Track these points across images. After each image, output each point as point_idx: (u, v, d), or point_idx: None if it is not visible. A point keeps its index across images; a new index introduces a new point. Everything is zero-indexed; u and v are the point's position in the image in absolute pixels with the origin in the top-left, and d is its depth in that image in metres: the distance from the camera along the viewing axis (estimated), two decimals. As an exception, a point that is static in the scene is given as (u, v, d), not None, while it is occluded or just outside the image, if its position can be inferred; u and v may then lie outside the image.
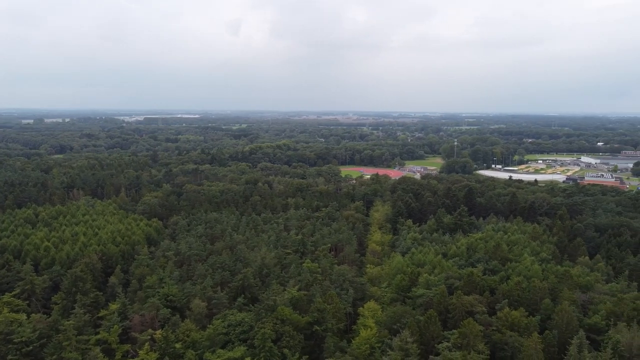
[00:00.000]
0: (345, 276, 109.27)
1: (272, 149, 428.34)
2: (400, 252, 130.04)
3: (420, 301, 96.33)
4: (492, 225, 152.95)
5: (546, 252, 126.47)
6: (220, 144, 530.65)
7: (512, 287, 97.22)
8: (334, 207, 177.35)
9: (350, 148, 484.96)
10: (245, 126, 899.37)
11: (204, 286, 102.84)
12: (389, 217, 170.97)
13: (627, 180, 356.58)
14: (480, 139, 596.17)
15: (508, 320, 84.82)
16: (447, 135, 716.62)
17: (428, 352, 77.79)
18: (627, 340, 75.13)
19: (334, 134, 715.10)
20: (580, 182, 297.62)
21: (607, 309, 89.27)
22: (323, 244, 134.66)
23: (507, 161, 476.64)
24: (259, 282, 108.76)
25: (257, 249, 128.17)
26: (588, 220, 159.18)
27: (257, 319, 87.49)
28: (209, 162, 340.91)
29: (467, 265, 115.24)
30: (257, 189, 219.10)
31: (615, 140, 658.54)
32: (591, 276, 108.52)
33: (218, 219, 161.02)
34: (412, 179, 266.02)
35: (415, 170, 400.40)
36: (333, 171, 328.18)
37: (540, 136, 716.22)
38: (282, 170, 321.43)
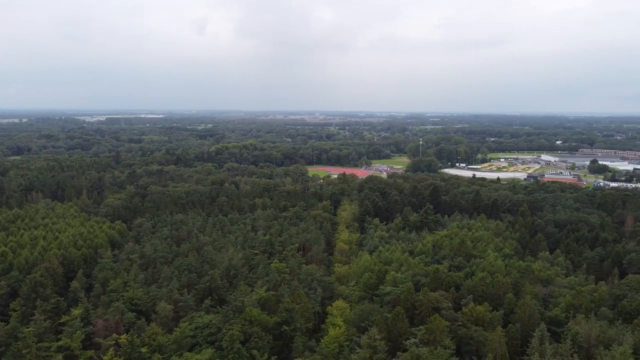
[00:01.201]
0: (313, 276, 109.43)
1: (238, 149, 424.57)
2: (368, 251, 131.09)
3: (387, 299, 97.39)
4: (456, 222, 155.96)
5: (509, 248, 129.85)
6: (186, 144, 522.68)
7: (477, 282, 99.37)
8: (301, 207, 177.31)
9: (318, 148, 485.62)
10: (211, 126, 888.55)
11: (170, 289, 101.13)
12: (356, 216, 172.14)
13: (584, 178, 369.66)
14: (444, 138, 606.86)
15: (473, 315, 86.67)
16: (412, 135, 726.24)
17: (396, 348, 78.69)
18: (586, 331, 77.88)
19: (301, 134, 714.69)
20: (541, 180, 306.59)
21: (566, 301, 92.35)
22: (291, 244, 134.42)
23: (470, 160, 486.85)
24: (227, 284, 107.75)
25: (224, 250, 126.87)
26: (548, 217, 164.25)
27: (225, 321, 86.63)
28: (174, 163, 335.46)
29: (433, 262, 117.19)
30: (224, 189, 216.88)
31: (573, 138, 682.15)
32: (551, 270, 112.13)
33: (184, 220, 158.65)
34: (379, 178, 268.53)
35: (382, 169, 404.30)
36: (300, 171, 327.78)
37: (502, 135, 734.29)
38: (249, 170, 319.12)
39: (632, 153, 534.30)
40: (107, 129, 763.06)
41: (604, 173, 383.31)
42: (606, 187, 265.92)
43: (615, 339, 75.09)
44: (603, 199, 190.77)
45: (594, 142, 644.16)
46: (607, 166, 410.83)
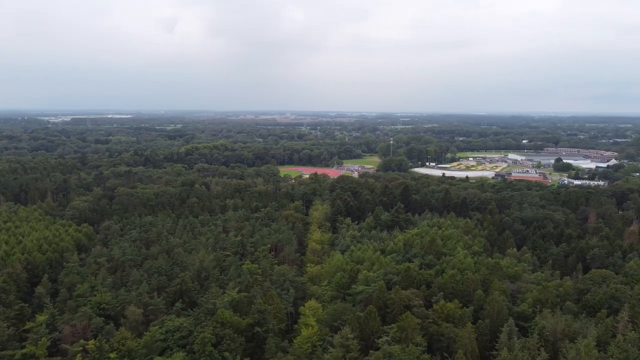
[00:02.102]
0: (285, 276, 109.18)
1: (209, 149, 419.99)
2: (340, 250, 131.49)
3: (360, 297, 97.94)
4: (427, 221, 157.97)
5: (478, 245, 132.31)
6: (155, 145, 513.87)
7: (447, 280, 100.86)
8: (273, 207, 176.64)
9: (289, 148, 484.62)
10: (181, 126, 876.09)
11: (140, 292, 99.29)
12: (328, 216, 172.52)
13: (550, 176, 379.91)
14: (415, 138, 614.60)
15: (443, 312, 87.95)
16: (383, 135, 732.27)
17: (368, 347, 79.20)
18: (552, 325, 80.00)
19: (272, 134, 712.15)
20: (508, 178, 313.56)
21: (533, 297, 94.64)
22: (263, 245, 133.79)
23: (440, 159, 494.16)
24: (198, 286, 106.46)
25: (195, 252, 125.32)
26: (515, 214, 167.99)
27: (197, 324, 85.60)
28: (143, 164, 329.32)
29: (405, 261, 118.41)
30: (194, 190, 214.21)
31: (539, 138, 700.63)
32: (519, 267, 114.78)
33: (153, 222, 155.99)
34: (351, 177, 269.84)
35: (353, 169, 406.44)
36: (272, 171, 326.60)
37: (471, 135, 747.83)
38: (220, 171, 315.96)
39: (594, 152, 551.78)
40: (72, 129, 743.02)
41: (568, 171, 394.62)
42: (570, 185, 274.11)
43: (580, 332, 77.36)
44: (567, 196, 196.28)
45: (558, 141, 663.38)
46: (571, 164, 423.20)
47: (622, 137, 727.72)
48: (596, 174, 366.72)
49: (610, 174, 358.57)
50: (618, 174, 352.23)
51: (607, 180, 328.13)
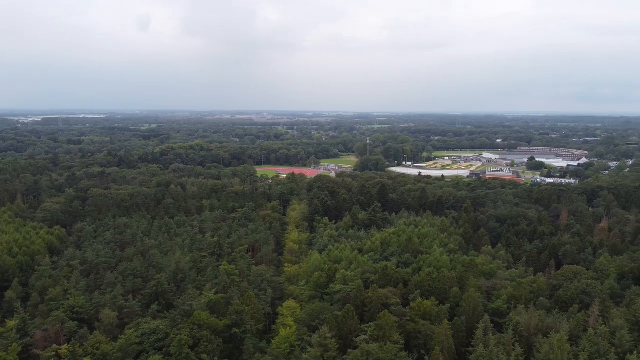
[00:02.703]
0: (263, 276, 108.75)
1: (184, 149, 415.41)
2: (318, 250, 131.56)
3: (338, 297, 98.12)
4: (404, 219, 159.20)
5: (454, 243, 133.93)
6: (129, 145, 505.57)
7: (424, 278, 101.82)
8: (250, 208, 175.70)
9: (266, 148, 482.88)
10: (156, 126, 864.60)
11: (114, 295, 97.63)
12: (305, 216, 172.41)
13: (523, 174, 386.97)
14: (391, 137, 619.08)
15: (421, 310, 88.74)
16: (360, 134, 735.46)
17: (347, 346, 79.36)
18: (526, 321, 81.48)
19: (249, 134, 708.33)
20: (483, 177, 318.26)
21: (508, 293, 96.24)
22: (240, 245, 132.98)
23: (416, 158, 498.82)
24: (174, 288, 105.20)
25: (171, 254, 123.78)
26: (490, 212, 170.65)
27: (173, 326, 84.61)
28: (117, 165, 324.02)
29: (382, 260, 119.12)
30: (170, 191, 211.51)
31: (512, 137, 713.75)
32: (494, 264, 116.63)
33: (128, 223, 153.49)
34: (328, 177, 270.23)
35: (331, 168, 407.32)
36: (249, 171, 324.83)
37: (446, 134, 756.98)
38: (196, 171, 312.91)
39: (566, 150, 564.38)
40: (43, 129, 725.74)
41: (540, 170, 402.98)
42: (543, 183, 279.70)
43: (553, 327, 79.03)
44: (540, 194, 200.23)
45: (531, 140, 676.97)
46: (543, 163, 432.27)
47: (592, 136, 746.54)
48: (567, 172, 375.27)
49: (581, 172, 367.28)
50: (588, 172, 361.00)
51: (578, 178, 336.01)
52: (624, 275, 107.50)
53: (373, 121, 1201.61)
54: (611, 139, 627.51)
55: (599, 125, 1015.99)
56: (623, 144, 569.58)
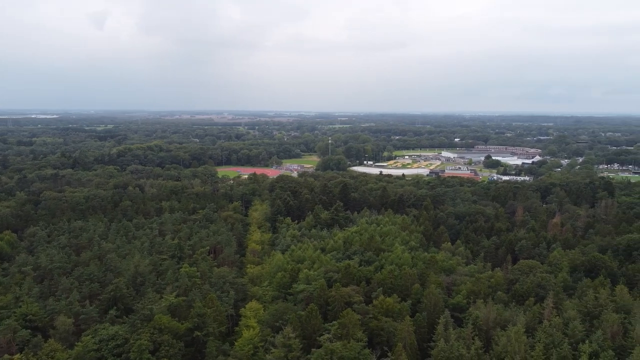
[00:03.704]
0: (225, 278, 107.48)
1: (142, 150, 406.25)
2: (280, 250, 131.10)
3: (301, 296, 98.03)
4: (366, 218, 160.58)
5: (414, 240, 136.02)
6: (84, 146, 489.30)
7: (386, 275, 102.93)
8: (211, 209, 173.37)
9: (227, 148, 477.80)
10: (112, 127, 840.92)
11: (70, 301, 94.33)
12: (268, 216, 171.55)
13: (480, 172, 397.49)
14: (352, 137, 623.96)
15: (383, 307, 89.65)
16: (321, 134, 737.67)
17: (310, 345, 79.33)
18: (485, 315, 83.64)
19: (209, 134, 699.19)
20: (442, 175, 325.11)
21: (467, 288, 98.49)
22: (201, 247, 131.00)
23: (377, 157, 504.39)
24: (133, 292, 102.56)
25: (129, 257, 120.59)
26: (449, 210, 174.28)
27: (133, 331, 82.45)
28: (71, 167, 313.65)
29: (345, 258, 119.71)
30: (128, 193, 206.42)
31: (470, 136, 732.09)
32: (453, 260, 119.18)
33: (84, 227, 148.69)
34: (290, 177, 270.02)
35: (293, 168, 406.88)
36: (209, 172, 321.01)
37: (406, 134, 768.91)
38: (155, 172, 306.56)
39: (520, 149, 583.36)
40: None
41: (497, 168, 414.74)
42: (499, 181, 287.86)
43: (510, 320, 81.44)
44: (496, 191, 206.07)
45: (487, 139, 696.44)
46: (499, 161, 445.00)
47: (545, 135, 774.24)
48: (522, 169, 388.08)
49: (535, 169, 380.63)
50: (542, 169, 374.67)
51: (532, 176, 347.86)
52: (576, 268, 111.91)
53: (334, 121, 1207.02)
54: (563, 137, 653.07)
55: (552, 124, 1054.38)
56: (574, 143, 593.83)
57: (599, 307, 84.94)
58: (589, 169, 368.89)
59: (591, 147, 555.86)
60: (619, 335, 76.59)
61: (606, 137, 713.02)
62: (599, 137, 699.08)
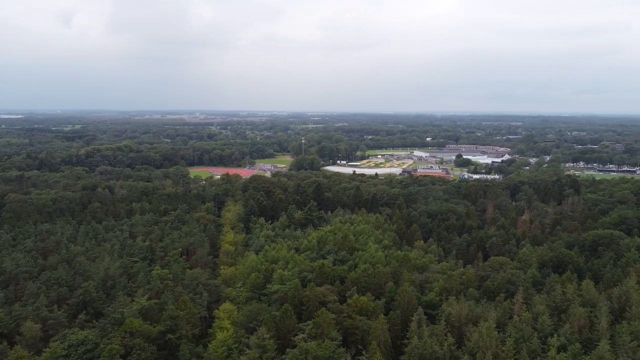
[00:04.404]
0: (198, 280, 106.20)
1: (112, 151, 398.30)
2: (254, 251, 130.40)
3: (275, 297, 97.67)
4: (339, 217, 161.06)
5: (388, 239, 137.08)
6: (50, 147, 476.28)
7: (360, 274, 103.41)
8: (183, 210, 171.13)
9: (199, 148, 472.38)
10: (80, 127, 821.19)
11: (37, 306, 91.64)
12: (241, 217, 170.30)
13: (452, 171, 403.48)
14: (326, 137, 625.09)
15: (357, 306, 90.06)
16: (295, 134, 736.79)
17: (285, 345, 79.13)
18: (457, 311, 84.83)
19: (181, 134, 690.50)
20: (414, 174, 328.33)
21: (440, 286, 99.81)
22: (173, 249, 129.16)
23: (350, 157, 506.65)
24: (103, 295, 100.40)
25: (99, 260, 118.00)
26: (421, 208, 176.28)
27: (103, 335, 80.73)
28: (37, 168, 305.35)
29: (319, 258, 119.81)
30: (97, 194, 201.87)
31: (441, 135, 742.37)
32: (426, 258, 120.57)
33: (51, 230, 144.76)
34: (263, 177, 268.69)
35: (266, 168, 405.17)
36: (181, 172, 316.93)
37: (379, 133, 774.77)
38: (125, 173, 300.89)
39: (490, 148, 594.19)
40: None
41: (467, 166, 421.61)
42: (470, 179, 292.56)
43: (482, 316, 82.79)
44: (467, 190, 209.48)
45: (458, 138, 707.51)
46: (470, 160, 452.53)
47: (514, 134, 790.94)
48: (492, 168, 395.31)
49: (504, 168, 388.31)
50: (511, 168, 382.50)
51: (501, 174, 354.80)
52: (544, 264, 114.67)
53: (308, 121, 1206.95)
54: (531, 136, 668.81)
55: (520, 123, 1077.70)
56: (541, 142, 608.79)
57: (567, 301, 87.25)
58: (556, 167, 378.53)
59: (558, 146, 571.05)
60: (585, 328, 78.77)
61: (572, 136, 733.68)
62: (565, 136, 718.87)
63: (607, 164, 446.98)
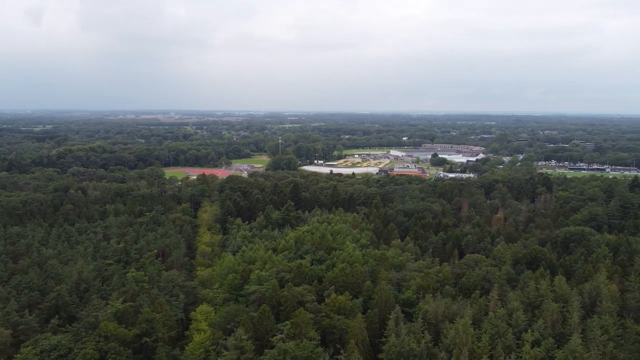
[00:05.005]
0: (174, 282, 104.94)
1: (84, 151, 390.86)
2: (231, 251, 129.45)
3: (253, 297, 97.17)
4: (317, 217, 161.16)
5: (365, 238, 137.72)
6: (20, 147, 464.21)
7: (337, 273, 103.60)
8: (159, 211, 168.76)
9: (174, 148, 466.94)
10: (51, 127, 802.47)
11: (8, 311, 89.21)
12: (218, 217, 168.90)
13: (428, 170, 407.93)
14: (302, 137, 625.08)
15: (335, 305, 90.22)
16: (271, 134, 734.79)
17: (263, 346, 78.82)
18: (433, 309, 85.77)
19: (156, 134, 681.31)
20: (391, 173, 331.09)
21: (416, 284, 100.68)
22: (149, 251, 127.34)
23: (328, 157, 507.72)
24: (77, 299, 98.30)
25: (72, 263, 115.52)
26: (398, 207, 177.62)
27: (77, 340, 79.04)
28: (6, 169, 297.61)
29: (296, 258, 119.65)
30: (69, 196, 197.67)
31: (417, 135, 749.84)
32: (403, 256, 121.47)
33: (21, 233, 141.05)
34: (240, 177, 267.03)
35: (243, 168, 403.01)
36: (156, 173, 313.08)
37: (356, 133, 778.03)
38: (98, 174, 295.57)
39: (465, 147, 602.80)
40: None
41: (443, 165, 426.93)
42: (445, 178, 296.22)
43: (458, 313, 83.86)
44: (443, 188, 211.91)
45: (434, 138, 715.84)
46: (445, 159, 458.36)
47: (488, 133, 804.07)
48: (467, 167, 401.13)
49: (479, 167, 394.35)
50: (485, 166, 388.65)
51: (476, 173, 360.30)
52: (518, 261, 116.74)
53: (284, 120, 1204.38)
54: (504, 136, 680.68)
55: (494, 123, 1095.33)
56: (515, 141, 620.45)
57: (540, 297, 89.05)
58: (529, 165, 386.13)
59: (531, 145, 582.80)
60: (558, 323, 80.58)
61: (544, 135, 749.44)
62: (537, 135, 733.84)
63: (577, 162, 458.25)
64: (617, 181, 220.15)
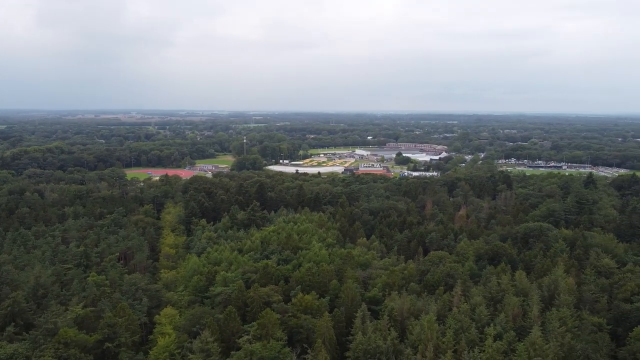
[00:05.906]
0: (137, 285, 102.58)
1: (41, 152, 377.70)
2: (196, 253, 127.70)
3: (218, 299, 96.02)
4: (283, 217, 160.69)
5: (331, 237, 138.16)
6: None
7: (304, 273, 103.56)
8: (120, 213, 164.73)
9: (136, 149, 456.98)
10: (5, 127, 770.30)
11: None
12: (182, 219, 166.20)
13: (392, 169, 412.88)
14: (268, 136, 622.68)
15: (302, 305, 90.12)
16: (236, 133, 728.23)
17: (230, 348, 78.06)
18: (399, 306, 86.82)
19: (116, 134, 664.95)
20: (356, 172, 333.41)
21: (382, 281, 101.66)
22: (110, 254, 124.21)
23: (293, 156, 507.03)
24: (34, 306, 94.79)
25: (28, 268, 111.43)
26: (364, 206, 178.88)
27: (35, 347, 76.26)
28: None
29: (262, 258, 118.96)
30: (25, 199, 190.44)
31: (381, 134, 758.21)
32: (369, 255, 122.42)
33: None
34: (204, 178, 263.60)
35: (207, 169, 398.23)
36: (117, 174, 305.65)
37: (321, 132, 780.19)
38: (56, 176, 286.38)
39: (428, 146, 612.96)
40: None
41: (407, 164, 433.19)
42: (410, 177, 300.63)
43: (423, 309, 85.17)
44: (407, 187, 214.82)
45: (398, 137, 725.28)
46: (409, 158, 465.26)
47: (450, 132, 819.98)
48: (430, 165, 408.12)
49: (442, 165, 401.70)
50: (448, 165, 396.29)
51: (439, 171, 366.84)
52: (481, 257, 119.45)
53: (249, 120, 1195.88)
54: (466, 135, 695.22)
55: (456, 122, 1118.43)
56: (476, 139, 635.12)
57: (502, 292, 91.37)
58: (490, 163, 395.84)
59: (491, 144, 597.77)
60: (519, 316, 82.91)
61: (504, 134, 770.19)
62: (498, 134, 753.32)
63: (536, 160, 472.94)
64: (573, 178, 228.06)
